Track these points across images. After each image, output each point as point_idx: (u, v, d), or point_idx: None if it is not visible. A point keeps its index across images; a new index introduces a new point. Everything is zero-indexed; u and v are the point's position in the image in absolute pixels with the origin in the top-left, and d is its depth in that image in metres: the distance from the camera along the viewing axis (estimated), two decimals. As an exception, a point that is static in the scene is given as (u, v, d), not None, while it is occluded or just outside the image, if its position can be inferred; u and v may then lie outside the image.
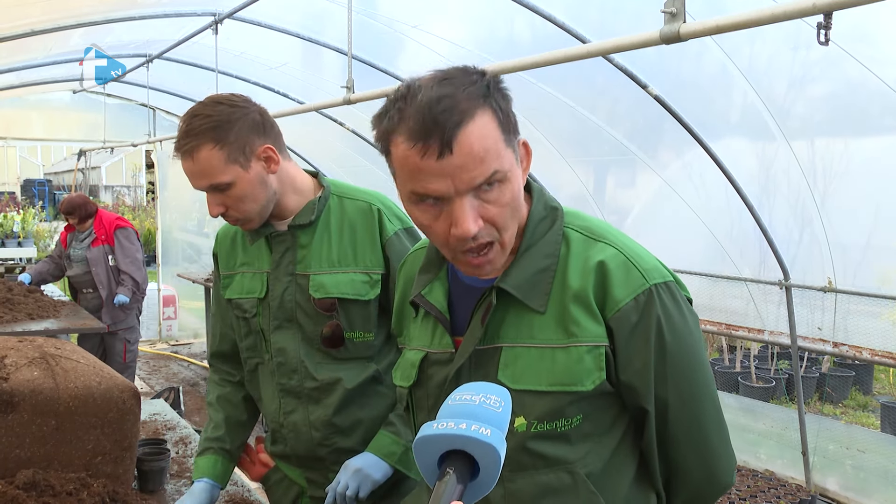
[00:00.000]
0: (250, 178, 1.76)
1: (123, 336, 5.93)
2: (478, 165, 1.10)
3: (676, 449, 1.26)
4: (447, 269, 1.34)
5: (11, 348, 2.04)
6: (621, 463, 1.26)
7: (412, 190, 1.14)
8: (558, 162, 5.25)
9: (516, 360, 1.22)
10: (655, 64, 4.04)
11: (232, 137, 1.73)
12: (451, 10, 5.01)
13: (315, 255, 1.86)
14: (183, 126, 1.75)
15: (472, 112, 1.10)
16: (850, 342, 4.21)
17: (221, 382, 2.09)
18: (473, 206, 1.13)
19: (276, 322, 1.89)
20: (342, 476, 1.83)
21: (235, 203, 1.78)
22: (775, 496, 4.64)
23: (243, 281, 1.95)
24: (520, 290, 1.22)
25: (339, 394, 1.87)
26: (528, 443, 1.21)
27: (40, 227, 14.89)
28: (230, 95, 1.82)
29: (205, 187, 1.77)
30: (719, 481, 1.30)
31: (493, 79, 1.16)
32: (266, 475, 2.06)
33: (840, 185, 3.98)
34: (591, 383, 1.19)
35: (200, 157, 1.73)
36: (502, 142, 1.14)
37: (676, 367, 1.22)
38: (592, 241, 1.24)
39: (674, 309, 1.22)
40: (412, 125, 1.10)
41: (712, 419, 1.27)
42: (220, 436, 2.01)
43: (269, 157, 1.80)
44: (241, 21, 5.63)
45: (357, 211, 1.90)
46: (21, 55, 6.87)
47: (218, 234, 2.07)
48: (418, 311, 1.38)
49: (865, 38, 3.29)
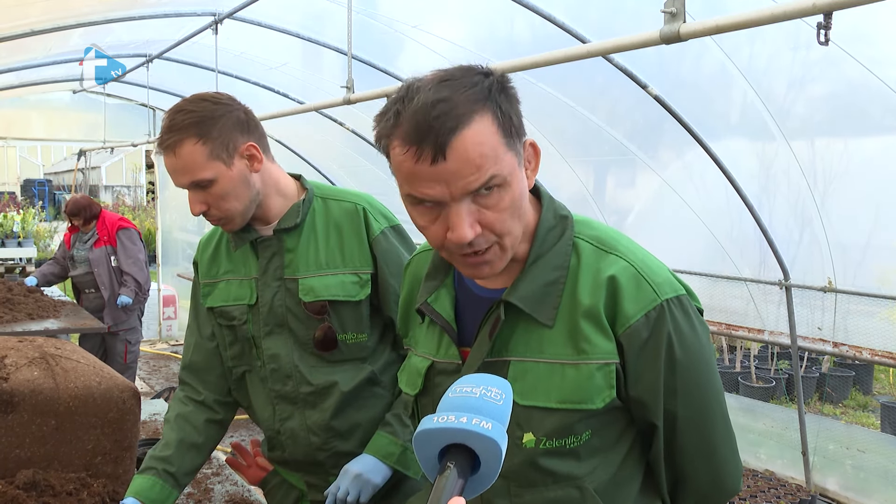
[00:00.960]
0: (233, 176, 1.73)
1: (125, 337, 5.94)
2: (473, 171, 1.08)
3: (684, 458, 1.25)
4: (454, 276, 1.32)
5: (11, 348, 2.04)
6: (628, 475, 1.25)
7: (409, 193, 1.12)
8: (558, 162, 5.25)
9: (525, 375, 1.20)
10: (655, 64, 4.04)
11: (215, 133, 1.71)
12: (451, 10, 5.01)
13: (302, 258, 1.83)
14: (166, 122, 1.73)
15: (470, 116, 1.08)
16: (850, 342, 4.21)
17: (184, 400, 1.97)
18: (471, 212, 1.10)
19: (268, 328, 1.86)
20: (342, 482, 1.82)
21: (217, 201, 1.74)
22: (775, 496, 4.65)
23: (229, 288, 1.91)
24: (528, 303, 1.20)
25: (336, 397, 1.86)
26: (536, 459, 1.20)
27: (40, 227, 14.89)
28: (215, 93, 1.80)
29: (187, 184, 1.73)
30: (726, 488, 1.29)
31: (498, 79, 1.14)
32: (265, 479, 2.04)
33: (840, 186, 3.98)
34: (602, 401, 1.17)
35: (183, 153, 1.70)
36: (502, 146, 1.11)
37: (686, 381, 1.20)
38: (604, 253, 1.21)
39: (685, 323, 1.20)
40: (407, 129, 1.08)
41: (721, 429, 1.26)
42: (166, 456, 1.85)
43: (253, 156, 1.77)
44: (240, 21, 5.63)
45: (342, 212, 1.87)
46: (21, 55, 6.87)
47: (200, 241, 2.03)
48: (424, 318, 1.36)
49: (865, 38, 3.28)
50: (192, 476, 1.92)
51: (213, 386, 1.98)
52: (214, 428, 1.97)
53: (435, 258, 1.33)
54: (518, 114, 1.15)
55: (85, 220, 5.90)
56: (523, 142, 1.17)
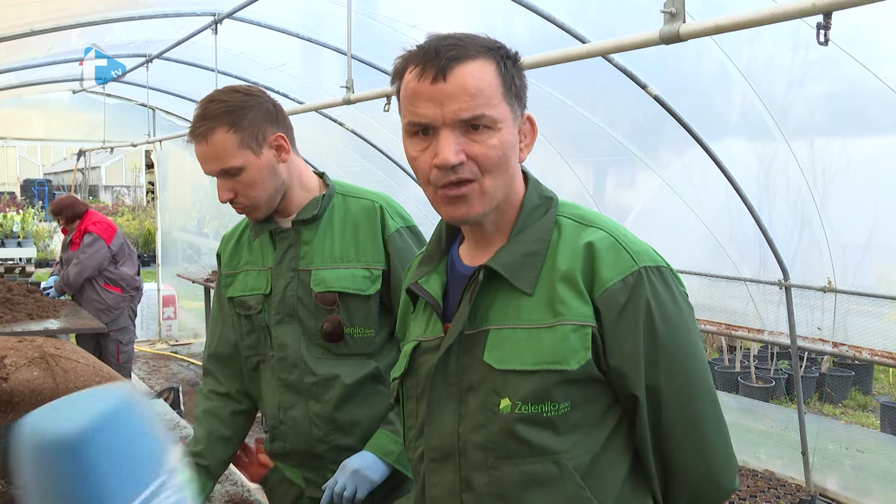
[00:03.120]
0: (261, 165, 1.80)
1: (115, 337, 5.96)
2: (466, 99, 1.16)
3: (671, 443, 1.23)
4: (446, 263, 1.35)
5: (11, 348, 2.04)
6: (613, 459, 1.24)
7: (408, 120, 1.21)
8: (558, 162, 5.25)
9: (503, 342, 1.22)
10: (655, 64, 4.04)
11: (246, 123, 1.78)
12: (451, 10, 5.01)
13: (318, 250, 1.89)
14: (198, 111, 1.80)
15: (475, 56, 1.18)
16: (850, 342, 4.21)
17: (209, 395, 2.06)
18: (458, 142, 1.17)
19: (278, 317, 1.90)
20: (340, 477, 1.83)
21: (245, 189, 1.81)
22: (775, 496, 4.65)
23: (247, 279, 1.97)
24: (508, 270, 1.23)
25: (338, 390, 1.88)
26: (513, 426, 1.20)
27: (40, 227, 14.90)
28: (246, 86, 1.88)
29: (216, 171, 1.80)
30: (720, 484, 1.26)
31: (508, 49, 1.24)
32: (265, 476, 2.05)
33: (839, 185, 3.99)
34: (577, 363, 1.17)
35: (214, 140, 1.77)
36: (499, 94, 1.19)
37: (668, 355, 1.19)
38: (584, 226, 1.25)
39: (665, 294, 1.20)
40: (418, 52, 1.20)
41: (710, 415, 1.24)
42: (199, 451, 1.96)
43: (281, 146, 1.84)
44: (240, 21, 5.63)
45: (360, 209, 1.92)
46: (21, 55, 6.87)
47: (224, 236, 2.10)
48: (416, 305, 1.39)
49: (865, 38, 3.29)
50: (224, 467, 2.03)
51: (237, 376, 2.04)
52: (241, 419, 2.06)
53: (430, 247, 1.38)
54: (522, 82, 1.25)
55: (67, 220, 5.90)
56: (523, 113, 1.25)
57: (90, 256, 5.80)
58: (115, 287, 5.99)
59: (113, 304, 5.98)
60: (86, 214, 5.95)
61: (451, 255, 1.36)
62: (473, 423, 1.24)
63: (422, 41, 1.23)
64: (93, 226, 5.88)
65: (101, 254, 5.84)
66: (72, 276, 5.78)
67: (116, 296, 6.01)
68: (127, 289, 6.07)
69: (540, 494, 1.21)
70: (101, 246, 5.84)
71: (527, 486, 1.22)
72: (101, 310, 5.88)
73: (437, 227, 1.39)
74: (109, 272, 5.95)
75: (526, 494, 1.22)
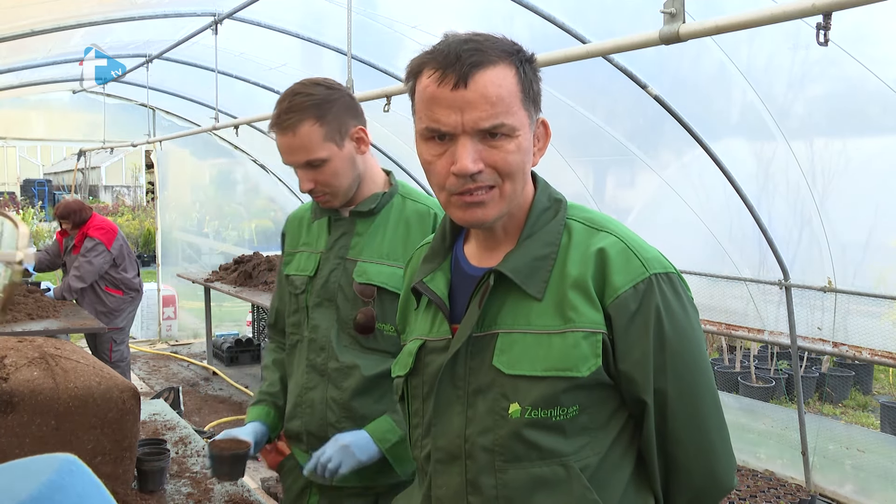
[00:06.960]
0: (343, 157, 1.87)
1: (110, 335, 5.99)
2: (487, 108, 1.15)
3: (676, 445, 1.24)
4: (451, 260, 1.35)
5: (11, 348, 2.04)
6: (618, 460, 1.25)
7: (425, 125, 1.19)
8: (558, 162, 5.26)
9: (512, 347, 1.22)
10: (655, 64, 4.04)
11: (330, 116, 1.84)
12: (451, 10, 5.02)
13: (368, 244, 1.95)
14: (284, 103, 1.85)
15: (495, 62, 1.17)
16: (850, 342, 4.21)
17: (277, 349, 2.19)
18: (476, 149, 1.17)
19: (318, 300, 1.97)
20: (329, 448, 1.86)
21: (327, 179, 1.87)
22: (775, 496, 4.65)
23: (301, 259, 2.05)
24: (518, 274, 1.22)
25: (356, 378, 1.92)
26: (522, 431, 1.20)
27: (40, 227, 14.91)
28: (325, 78, 1.93)
29: (300, 163, 1.86)
30: (720, 482, 1.28)
31: (526, 51, 1.23)
32: (280, 462, 2.10)
33: (839, 185, 3.98)
34: (587, 369, 1.18)
35: (301, 133, 1.82)
36: (518, 101, 1.18)
37: (676, 359, 1.21)
38: (594, 231, 1.25)
39: (674, 300, 1.21)
40: (438, 56, 1.18)
41: (713, 416, 1.26)
42: (275, 392, 2.12)
43: (360, 139, 1.91)
44: (240, 21, 5.63)
45: (415, 212, 1.98)
46: (21, 55, 6.87)
47: (289, 216, 2.18)
48: (420, 302, 1.39)
49: (865, 39, 3.29)
50: None
51: None
52: None
53: (434, 243, 1.37)
54: (538, 87, 1.24)
55: (74, 224, 5.93)
56: (538, 118, 1.24)
57: (90, 262, 5.85)
58: (116, 290, 6.04)
59: (114, 307, 6.02)
60: (89, 219, 5.98)
61: (455, 253, 1.36)
62: (481, 427, 1.24)
63: (438, 41, 1.21)
64: (94, 230, 5.92)
65: (101, 259, 5.89)
66: (73, 284, 5.81)
67: (117, 298, 6.05)
68: (127, 291, 6.11)
69: (547, 497, 1.21)
70: (102, 251, 5.89)
71: (534, 489, 1.22)
72: (102, 312, 5.92)
73: (441, 223, 1.39)
74: (111, 275, 6.00)
75: (533, 497, 1.22)
